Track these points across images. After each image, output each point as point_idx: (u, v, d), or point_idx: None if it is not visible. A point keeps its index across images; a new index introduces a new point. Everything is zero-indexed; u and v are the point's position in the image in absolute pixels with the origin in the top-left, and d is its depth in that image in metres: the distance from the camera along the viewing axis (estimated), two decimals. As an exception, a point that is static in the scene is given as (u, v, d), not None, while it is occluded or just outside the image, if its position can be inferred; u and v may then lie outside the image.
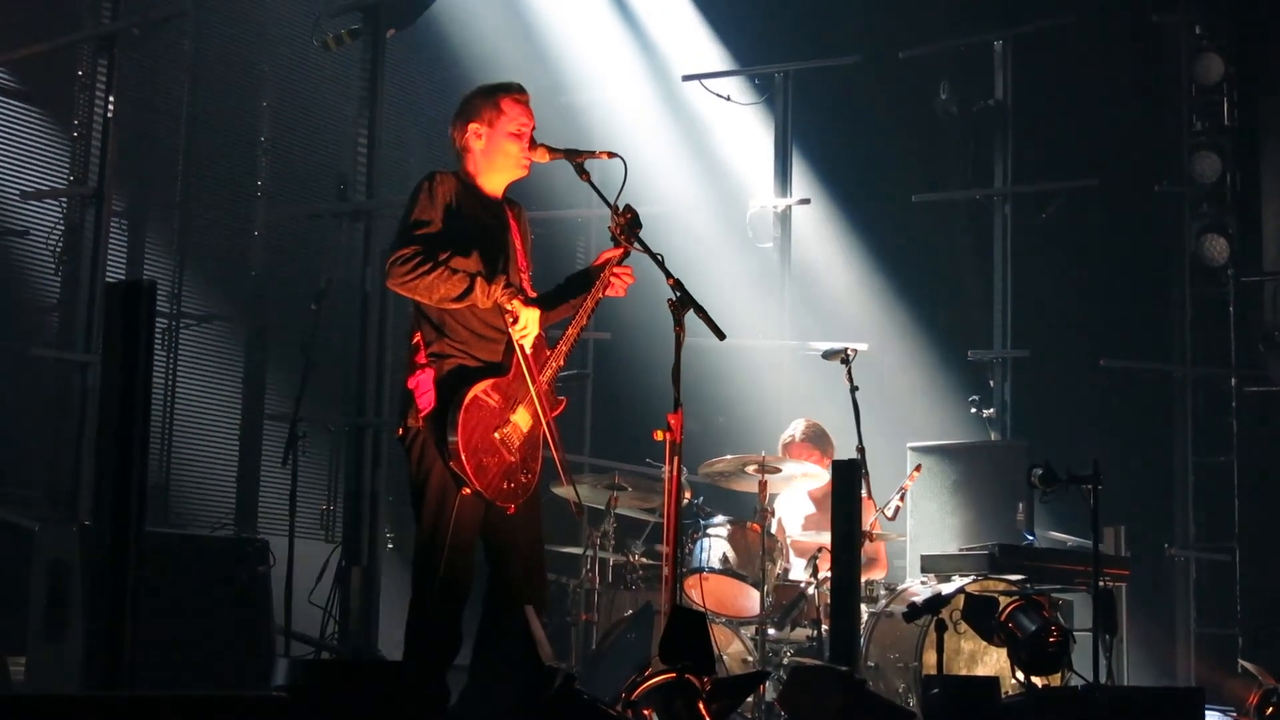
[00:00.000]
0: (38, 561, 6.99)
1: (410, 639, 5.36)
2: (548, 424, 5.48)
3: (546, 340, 5.63)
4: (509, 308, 5.38)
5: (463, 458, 5.25)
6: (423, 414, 5.38)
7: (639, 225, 5.53)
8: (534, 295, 5.61)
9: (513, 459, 5.39)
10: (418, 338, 5.50)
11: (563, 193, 9.67)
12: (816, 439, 8.30)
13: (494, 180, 5.65)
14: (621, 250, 5.61)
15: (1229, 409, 9.44)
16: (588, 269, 5.73)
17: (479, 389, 5.36)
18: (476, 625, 5.47)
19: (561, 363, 5.59)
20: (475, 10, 9.82)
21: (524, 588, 5.44)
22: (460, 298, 5.36)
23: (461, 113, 5.67)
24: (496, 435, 5.36)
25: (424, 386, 5.40)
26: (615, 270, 5.62)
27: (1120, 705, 5.95)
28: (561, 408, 5.62)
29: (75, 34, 8.73)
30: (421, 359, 5.46)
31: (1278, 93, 9.54)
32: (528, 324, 5.41)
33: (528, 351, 5.43)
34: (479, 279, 5.36)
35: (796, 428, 8.36)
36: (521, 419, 5.44)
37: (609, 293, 5.64)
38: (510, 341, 5.43)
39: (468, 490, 5.28)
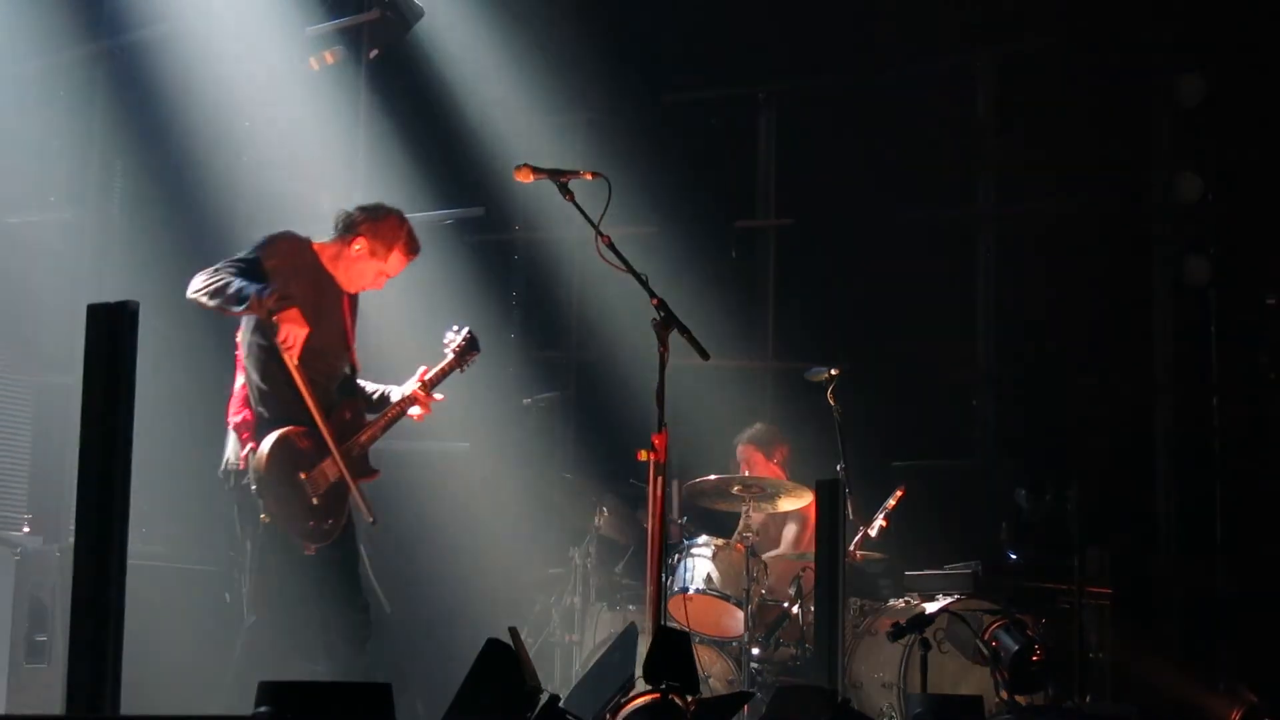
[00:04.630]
0: (21, 584, 6.98)
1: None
2: (354, 484, 5.75)
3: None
4: (273, 320, 5.64)
5: (265, 485, 5.57)
6: (243, 453, 5.72)
7: (477, 348, 6.19)
8: (359, 368, 6.08)
9: (315, 501, 5.67)
10: (241, 383, 5.86)
11: (549, 213, 9.68)
12: (758, 439, 8.41)
13: (339, 274, 6.04)
14: (448, 364, 6.18)
15: (1211, 428, 9.44)
16: (403, 388, 6.15)
17: (291, 430, 5.68)
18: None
19: (378, 435, 5.97)
20: (460, 31, 9.81)
21: (335, 633, 5.77)
22: (239, 303, 5.62)
23: (371, 219, 6.02)
24: (301, 475, 5.66)
25: (245, 427, 5.76)
26: (420, 397, 6.08)
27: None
28: (374, 478, 5.94)
29: (61, 53, 8.73)
30: (244, 395, 5.82)
31: (1259, 113, 9.56)
32: (289, 335, 5.66)
33: (294, 364, 5.67)
34: (255, 293, 5.60)
35: (745, 432, 8.47)
36: (330, 469, 5.73)
37: (410, 412, 6.10)
38: (330, 405, 5.79)
39: (265, 517, 5.58)
